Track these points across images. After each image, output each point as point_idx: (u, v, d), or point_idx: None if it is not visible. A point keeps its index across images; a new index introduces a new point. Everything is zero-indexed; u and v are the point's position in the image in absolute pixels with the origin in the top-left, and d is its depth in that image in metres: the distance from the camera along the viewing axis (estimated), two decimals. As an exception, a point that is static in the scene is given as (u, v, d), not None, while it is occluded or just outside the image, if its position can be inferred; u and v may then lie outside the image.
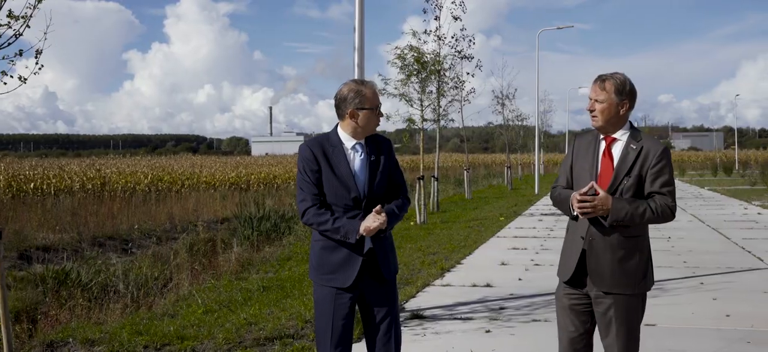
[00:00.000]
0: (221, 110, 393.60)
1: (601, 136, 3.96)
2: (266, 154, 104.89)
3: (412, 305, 7.96)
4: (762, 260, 10.83)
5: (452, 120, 19.79)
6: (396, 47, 16.91)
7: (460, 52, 19.33)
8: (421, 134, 18.11)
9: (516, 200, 26.04)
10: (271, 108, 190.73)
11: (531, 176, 49.49)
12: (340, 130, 4.02)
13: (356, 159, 3.96)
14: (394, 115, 17.67)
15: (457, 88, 18.86)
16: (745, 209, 20.70)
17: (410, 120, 17.57)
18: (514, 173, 40.19)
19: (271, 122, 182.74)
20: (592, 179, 3.87)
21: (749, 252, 11.71)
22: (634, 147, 3.85)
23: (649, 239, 4.00)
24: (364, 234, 3.82)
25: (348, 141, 3.98)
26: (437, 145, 20.83)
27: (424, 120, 17.63)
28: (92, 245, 14.97)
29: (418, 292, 8.67)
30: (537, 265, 10.68)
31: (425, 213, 17.55)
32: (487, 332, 6.68)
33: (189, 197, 23.82)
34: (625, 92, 3.86)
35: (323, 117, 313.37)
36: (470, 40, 19.47)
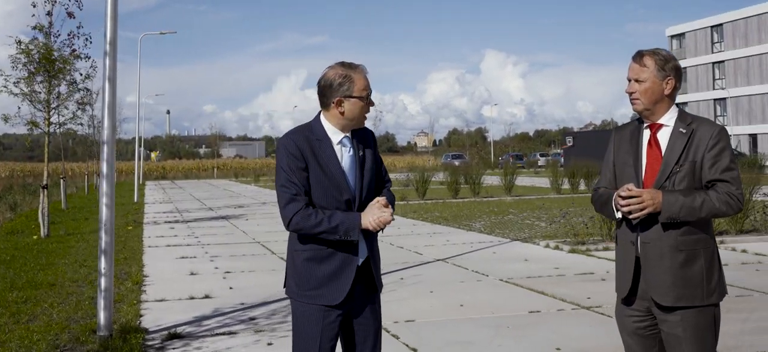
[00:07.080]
0: None
1: (646, 124, 3.49)
2: None
3: (148, 323, 7.24)
4: (421, 254, 11.99)
5: (82, 124, 18.08)
6: (19, 41, 14.94)
7: (74, 51, 17.80)
8: (46, 139, 16.11)
9: (118, 209, 24.87)
10: None
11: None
12: (324, 122, 3.45)
13: (345, 155, 3.44)
14: (13, 117, 15.63)
15: (88, 90, 17.34)
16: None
17: (32, 123, 15.64)
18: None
19: None
20: (637, 172, 3.44)
21: (401, 247, 12.84)
22: (684, 131, 3.38)
23: (715, 240, 3.48)
24: (374, 228, 3.32)
25: (334, 134, 3.43)
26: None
27: (51, 124, 15.81)
28: None
29: (142, 309, 7.89)
30: (229, 272, 10.44)
31: (48, 225, 15.83)
32: (270, 344, 6.36)
33: None
34: (669, 68, 3.39)
35: None
36: (87, 39, 18.03)
